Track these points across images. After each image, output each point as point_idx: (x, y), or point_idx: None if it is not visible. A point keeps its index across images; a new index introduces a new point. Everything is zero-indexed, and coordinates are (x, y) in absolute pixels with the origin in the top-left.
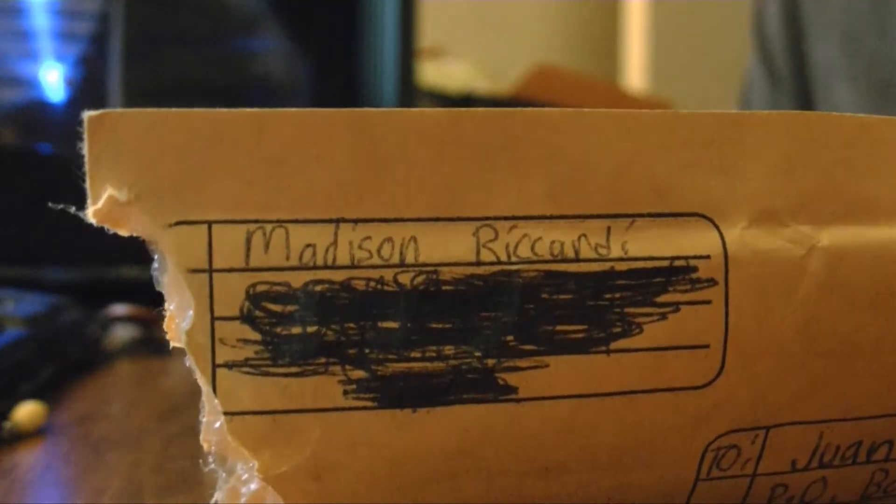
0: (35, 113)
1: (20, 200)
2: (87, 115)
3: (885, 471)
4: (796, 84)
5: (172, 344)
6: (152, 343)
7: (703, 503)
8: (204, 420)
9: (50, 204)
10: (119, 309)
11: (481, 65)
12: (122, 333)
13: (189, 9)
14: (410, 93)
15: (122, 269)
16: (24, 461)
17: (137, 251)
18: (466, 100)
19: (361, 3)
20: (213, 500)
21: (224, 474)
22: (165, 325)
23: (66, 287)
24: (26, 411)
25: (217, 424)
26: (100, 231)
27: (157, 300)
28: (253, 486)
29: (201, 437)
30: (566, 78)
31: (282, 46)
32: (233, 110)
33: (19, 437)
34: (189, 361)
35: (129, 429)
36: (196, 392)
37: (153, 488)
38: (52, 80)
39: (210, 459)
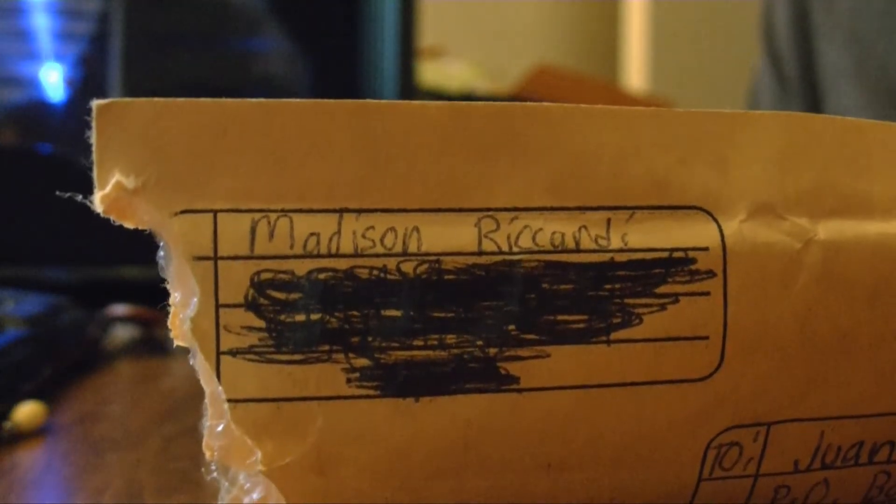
0: (35, 113)
1: (20, 200)
2: (95, 103)
3: (888, 473)
4: (804, 86)
5: (176, 342)
6: (152, 343)
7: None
8: (207, 424)
9: (57, 192)
10: (119, 309)
11: (481, 65)
12: (122, 333)
13: (189, 9)
14: (410, 93)
15: (122, 269)
16: (24, 461)
17: (137, 251)
18: (466, 100)
19: (361, 3)
20: None
21: (227, 483)
22: (169, 322)
23: (66, 287)
24: (26, 411)
25: (220, 428)
26: (100, 231)
27: (158, 300)
28: (256, 496)
29: (204, 444)
30: (566, 78)
31: (282, 46)
32: (239, 100)
33: (19, 437)
34: (193, 355)
35: (129, 429)
36: (196, 393)
37: (153, 488)
38: (52, 80)
39: (212, 467)
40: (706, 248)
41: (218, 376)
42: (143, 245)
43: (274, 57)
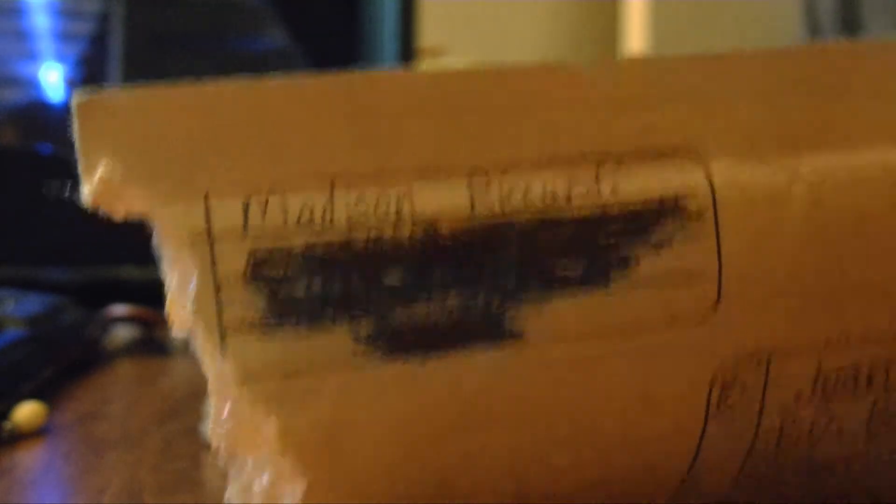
0: (35, 113)
1: (20, 200)
2: (75, 97)
3: (886, 399)
4: None
5: (176, 331)
6: (152, 343)
7: (714, 445)
8: (212, 410)
9: (56, 192)
10: (119, 309)
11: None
12: (122, 333)
13: (189, 9)
14: None
15: (122, 269)
16: (24, 461)
17: (137, 251)
18: None
19: (361, 3)
20: (225, 499)
21: (234, 471)
22: (167, 309)
23: (66, 287)
24: (26, 411)
25: (225, 412)
26: (100, 231)
27: (158, 300)
28: (266, 478)
29: (209, 431)
30: None
31: (282, 46)
32: (221, 83)
33: (19, 437)
34: (195, 340)
35: (129, 429)
36: (196, 393)
37: (153, 488)
38: (52, 80)
39: (218, 456)
40: (695, 192)
41: (222, 356)
42: (143, 245)
43: (274, 57)
